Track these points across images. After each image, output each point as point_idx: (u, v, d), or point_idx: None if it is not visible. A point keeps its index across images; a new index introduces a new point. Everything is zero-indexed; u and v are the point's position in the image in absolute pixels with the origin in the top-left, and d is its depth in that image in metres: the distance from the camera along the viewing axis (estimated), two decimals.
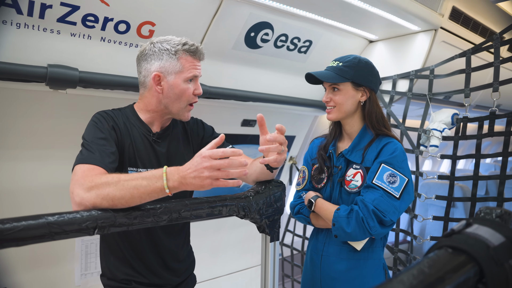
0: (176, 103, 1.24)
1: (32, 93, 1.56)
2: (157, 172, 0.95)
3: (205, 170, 0.92)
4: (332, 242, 1.42)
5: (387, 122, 1.46)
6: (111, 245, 1.29)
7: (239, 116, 2.51)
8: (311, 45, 2.27)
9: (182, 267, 1.40)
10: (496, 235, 0.56)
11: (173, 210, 1.04)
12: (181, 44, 1.21)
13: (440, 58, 2.19)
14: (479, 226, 0.59)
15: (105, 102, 1.78)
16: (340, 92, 1.40)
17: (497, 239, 0.56)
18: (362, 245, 1.36)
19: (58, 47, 1.48)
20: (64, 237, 0.88)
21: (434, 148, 2.06)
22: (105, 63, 1.61)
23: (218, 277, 2.84)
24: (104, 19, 1.50)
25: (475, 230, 0.58)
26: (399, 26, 2.25)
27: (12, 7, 1.30)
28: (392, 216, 1.27)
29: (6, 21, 1.33)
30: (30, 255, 1.92)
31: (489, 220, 0.61)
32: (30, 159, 1.72)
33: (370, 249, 1.39)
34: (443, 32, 2.27)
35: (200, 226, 2.59)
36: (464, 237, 0.57)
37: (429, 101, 2.17)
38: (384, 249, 1.45)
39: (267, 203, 1.28)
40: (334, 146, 1.50)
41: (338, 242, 1.40)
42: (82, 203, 0.94)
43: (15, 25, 1.35)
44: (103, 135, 1.14)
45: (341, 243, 1.40)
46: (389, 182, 1.30)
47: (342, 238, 1.33)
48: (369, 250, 1.39)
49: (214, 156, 0.92)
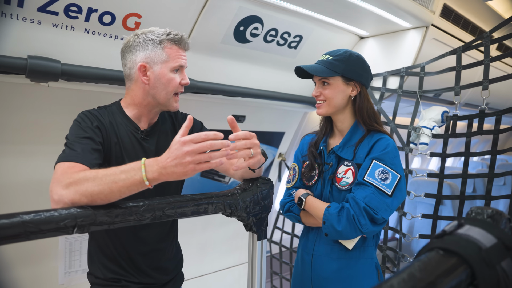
0: (163, 93, 1.22)
1: (13, 85, 1.50)
2: (135, 165, 0.92)
3: (187, 155, 0.88)
4: (322, 241, 1.40)
5: (379, 118, 1.44)
6: (100, 243, 1.27)
7: (228, 112, 2.47)
8: (302, 41, 2.25)
9: (171, 265, 1.39)
10: (488, 236, 0.55)
11: (156, 208, 1.01)
12: (165, 34, 1.20)
13: (431, 55, 2.18)
14: (471, 227, 0.57)
15: (90, 96, 1.73)
16: (330, 86, 1.38)
17: (488, 241, 0.54)
18: (354, 244, 1.34)
19: (40, 38, 1.42)
20: (41, 237, 0.84)
21: (424, 146, 2.06)
22: (90, 55, 1.56)
23: (206, 274, 2.81)
24: (88, 10, 1.44)
25: (466, 231, 0.56)
26: (390, 23, 2.24)
27: None
28: (384, 214, 1.25)
29: None
30: (12, 252, 1.86)
31: (480, 221, 0.59)
32: (12, 155, 1.66)
33: (362, 248, 1.37)
34: (434, 29, 2.26)
35: (189, 222, 2.55)
36: (456, 238, 0.55)
37: (419, 99, 2.16)
38: (376, 248, 1.43)
39: (254, 200, 1.25)
40: (325, 142, 1.48)
41: (329, 241, 1.38)
42: (60, 200, 0.91)
43: None
44: (87, 134, 1.11)
45: (332, 242, 1.38)
46: (380, 179, 1.27)
47: (332, 237, 1.31)
48: (361, 249, 1.36)
49: (195, 140, 0.89)
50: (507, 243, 0.54)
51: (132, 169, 0.92)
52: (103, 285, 1.25)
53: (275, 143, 3.14)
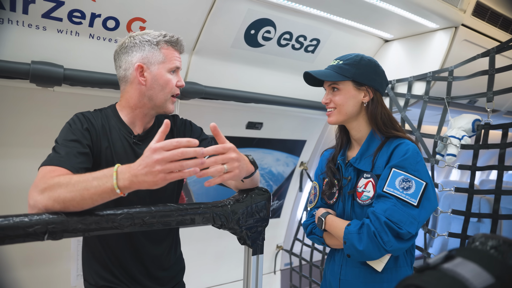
0: (160, 94, 1.20)
1: (20, 90, 1.53)
2: (108, 171, 0.88)
3: (156, 164, 0.82)
4: (350, 263, 1.25)
5: (397, 123, 1.30)
6: (93, 250, 1.25)
7: (243, 118, 2.41)
8: (319, 44, 2.14)
9: (167, 275, 1.34)
10: (483, 275, 0.43)
11: (135, 216, 0.96)
12: (162, 36, 1.20)
13: (461, 58, 1.99)
14: (463, 261, 0.46)
15: (96, 100, 1.73)
16: (340, 92, 1.27)
17: (482, 280, 0.42)
18: (383, 264, 1.17)
19: (45, 44, 1.44)
20: (9, 243, 0.82)
21: (451, 158, 1.87)
22: (95, 60, 1.56)
23: (215, 285, 2.74)
24: (92, 15, 1.44)
25: (454, 266, 0.45)
26: (416, 24, 2.07)
27: None
28: (410, 228, 1.09)
29: None
30: (28, 253, 1.91)
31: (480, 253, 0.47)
32: (19, 157, 1.70)
33: (394, 270, 1.20)
34: (464, 29, 2.06)
35: (203, 231, 2.50)
36: (438, 275, 0.44)
37: (447, 105, 1.97)
38: (412, 268, 1.25)
39: (248, 212, 1.17)
40: (343, 156, 1.35)
41: (357, 263, 1.23)
42: (35, 205, 0.90)
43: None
44: (74, 137, 1.10)
45: (359, 264, 1.22)
46: (402, 188, 1.12)
47: (355, 258, 1.17)
48: (392, 270, 1.20)
49: (166, 148, 0.83)
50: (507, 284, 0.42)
51: (105, 176, 0.87)
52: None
53: (297, 152, 3.03)
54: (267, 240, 1.16)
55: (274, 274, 3.17)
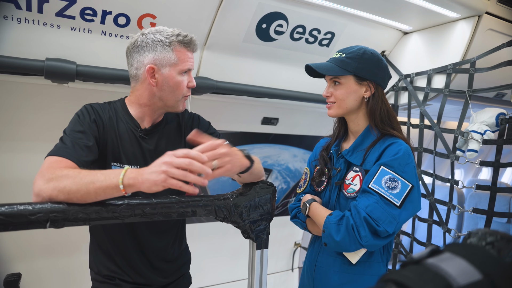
0: (171, 96, 1.20)
1: (37, 86, 1.59)
2: (119, 170, 0.92)
3: (163, 164, 0.88)
4: (326, 251, 1.28)
5: (396, 121, 1.27)
6: (98, 240, 1.28)
7: (258, 114, 2.40)
8: (334, 38, 2.09)
9: (171, 268, 1.35)
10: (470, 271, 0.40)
11: (136, 207, 0.97)
12: (174, 35, 1.16)
13: (485, 49, 1.88)
14: (451, 256, 0.42)
15: (109, 96, 1.76)
16: (341, 86, 1.25)
17: (468, 277, 0.39)
18: (358, 258, 1.20)
19: (59, 41, 1.49)
20: (12, 229, 0.86)
21: (473, 153, 1.77)
22: (107, 56, 1.60)
23: (232, 281, 2.75)
24: (103, 12, 1.48)
25: (439, 261, 0.42)
26: (436, 14, 1.98)
27: (11, 2, 1.33)
28: (388, 226, 1.10)
29: (7, 16, 1.36)
30: (48, 243, 1.99)
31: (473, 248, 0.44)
32: (37, 151, 1.77)
33: (367, 263, 1.23)
34: (489, 18, 1.94)
35: (219, 228, 2.51)
36: (421, 270, 0.41)
37: (468, 99, 1.87)
38: (387, 265, 1.27)
39: (252, 206, 1.16)
40: (338, 146, 1.36)
41: (333, 253, 1.26)
42: (39, 194, 0.92)
43: (15, 20, 1.38)
44: (82, 128, 1.12)
45: (335, 254, 1.26)
46: (388, 187, 1.12)
47: (331, 247, 1.19)
48: (365, 264, 1.23)
49: (177, 154, 0.89)
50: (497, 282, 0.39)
51: (113, 173, 0.91)
52: (100, 281, 1.26)
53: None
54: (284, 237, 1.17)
55: (291, 272, 3.15)
